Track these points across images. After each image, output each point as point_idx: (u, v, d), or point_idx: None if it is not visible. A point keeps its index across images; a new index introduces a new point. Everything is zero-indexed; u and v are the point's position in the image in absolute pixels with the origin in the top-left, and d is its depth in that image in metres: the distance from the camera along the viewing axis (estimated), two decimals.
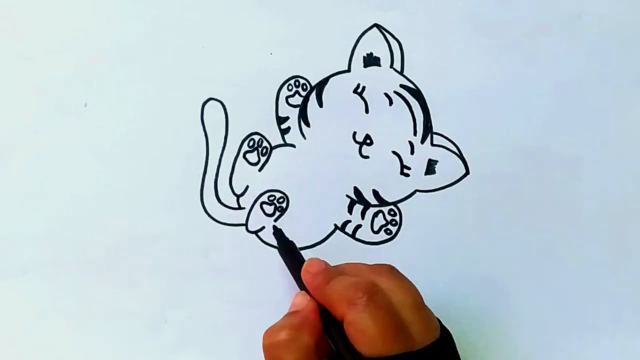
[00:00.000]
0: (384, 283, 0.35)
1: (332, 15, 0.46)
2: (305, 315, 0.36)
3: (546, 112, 0.45)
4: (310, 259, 0.39)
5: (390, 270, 0.37)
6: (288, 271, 0.41)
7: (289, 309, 0.38)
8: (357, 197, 0.45)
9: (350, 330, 0.34)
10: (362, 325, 0.33)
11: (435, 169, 0.45)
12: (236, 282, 0.44)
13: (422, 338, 0.34)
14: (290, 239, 0.43)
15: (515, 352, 0.44)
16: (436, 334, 0.35)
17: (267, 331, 0.36)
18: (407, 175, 0.45)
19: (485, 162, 0.45)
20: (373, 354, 0.33)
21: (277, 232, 0.43)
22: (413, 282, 0.36)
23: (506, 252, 0.45)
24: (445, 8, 0.46)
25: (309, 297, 0.37)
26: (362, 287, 0.34)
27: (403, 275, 0.37)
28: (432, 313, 0.36)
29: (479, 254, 0.45)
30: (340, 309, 0.34)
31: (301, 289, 0.39)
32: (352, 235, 0.45)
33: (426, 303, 0.36)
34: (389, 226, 0.45)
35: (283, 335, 0.35)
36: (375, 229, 0.45)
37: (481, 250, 0.45)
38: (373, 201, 0.45)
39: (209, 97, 0.45)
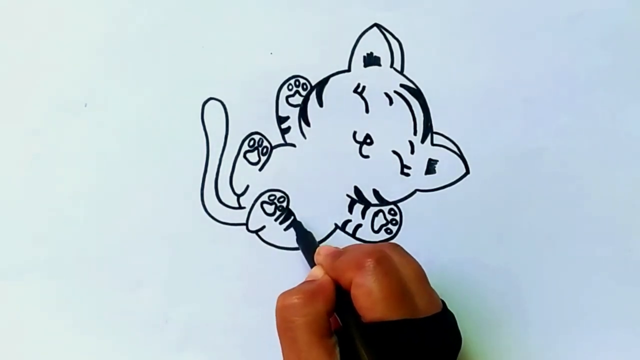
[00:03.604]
0: (392, 256, 0.36)
1: (332, 15, 0.46)
2: (320, 284, 0.37)
3: (546, 112, 0.45)
4: (322, 246, 0.41)
5: (397, 247, 0.38)
6: (290, 272, 0.42)
7: (305, 279, 0.39)
8: (358, 197, 0.45)
9: (356, 293, 0.34)
10: (367, 288, 0.34)
11: (436, 169, 0.45)
12: (236, 281, 0.44)
13: (425, 309, 0.35)
14: (290, 238, 0.44)
15: (514, 352, 0.44)
16: (439, 308, 0.36)
17: (281, 294, 0.36)
18: (407, 174, 0.45)
19: (485, 162, 0.45)
20: (375, 318, 0.33)
21: (297, 224, 0.44)
22: None
23: (506, 252, 0.45)
24: (445, 8, 0.46)
25: (324, 271, 0.38)
26: (370, 251, 0.35)
27: (408, 253, 0.38)
28: (435, 291, 0.37)
29: (479, 254, 0.45)
30: (349, 275, 0.35)
31: None
32: (353, 235, 0.45)
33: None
34: (389, 225, 0.45)
35: (296, 299, 0.35)
36: (376, 228, 0.45)
37: (481, 250, 0.45)
38: (373, 200, 0.45)
39: (209, 97, 0.45)
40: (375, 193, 0.45)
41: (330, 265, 0.37)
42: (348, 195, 0.45)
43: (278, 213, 0.44)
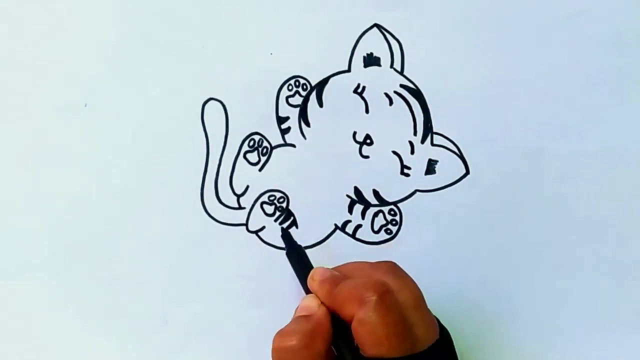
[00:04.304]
0: (391, 282, 0.35)
1: (332, 15, 0.46)
2: (317, 321, 0.35)
3: (546, 112, 0.45)
4: (316, 268, 0.39)
5: (394, 269, 0.37)
6: (291, 272, 0.41)
7: (297, 311, 0.37)
8: (358, 197, 0.45)
9: (358, 329, 0.34)
10: (371, 325, 0.33)
11: (436, 169, 0.45)
12: (236, 282, 0.44)
13: (425, 339, 0.34)
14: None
15: (514, 352, 0.44)
16: (437, 334, 0.35)
17: (278, 333, 0.35)
18: (407, 175, 0.45)
19: (485, 162, 0.45)
20: (377, 355, 0.33)
21: (286, 236, 0.43)
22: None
23: (506, 252, 0.45)
24: (445, 8, 0.46)
25: (318, 301, 0.36)
26: (372, 286, 0.34)
27: (405, 273, 0.37)
28: (430, 312, 0.36)
29: (479, 254, 0.45)
30: (350, 308, 0.34)
31: (307, 294, 0.38)
32: (353, 235, 0.45)
33: (426, 302, 0.36)
34: (389, 226, 0.45)
35: (295, 341, 0.34)
36: (376, 228, 0.45)
37: (481, 250, 0.45)
38: (373, 201, 0.45)
39: (209, 97, 0.45)
40: (375, 193, 0.45)
41: (327, 294, 0.36)
42: (348, 196, 0.45)
43: (278, 213, 0.44)
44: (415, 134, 0.45)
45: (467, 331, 0.43)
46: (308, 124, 0.45)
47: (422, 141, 0.45)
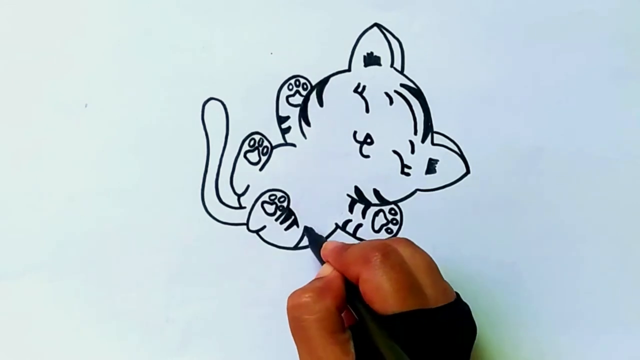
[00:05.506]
0: (400, 249, 0.36)
1: (332, 15, 0.46)
2: (328, 280, 0.37)
3: (546, 111, 0.45)
4: (329, 241, 0.41)
5: (405, 241, 0.38)
6: (291, 272, 0.42)
7: (315, 277, 0.39)
8: (358, 197, 0.45)
9: (365, 288, 0.35)
10: (376, 282, 0.34)
11: (436, 168, 0.45)
12: (237, 281, 0.44)
13: (436, 299, 0.35)
14: (291, 238, 0.44)
15: (515, 351, 0.44)
16: (451, 298, 0.36)
17: (291, 294, 0.36)
18: (407, 174, 0.45)
19: (485, 162, 0.45)
20: (387, 311, 0.34)
21: (307, 230, 0.44)
22: None
23: (506, 251, 0.45)
24: (446, 8, 0.46)
25: (332, 268, 0.38)
26: (376, 246, 0.36)
27: (418, 246, 0.38)
28: (448, 283, 0.37)
29: (479, 253, 0.45)
30: (355, 269, 0.35)
31: None
32: (353, 235, 0.45)
33: None
34: (390, 225, 0.45)
35: (305, 298, 0.35)
36: (376, 228, 0.45)
37: (481, 249, 0.45)
38: (374, 200, 0.45)
39: (209, 97, 0.45)
40: (376, 193, 0.45)
41: (337, 258, 0.38)
42: (348, 195, 0.45)
43: (279, 213, 0.44)
44: (415, 133, 0.45)
45: None
46: (308, 124, 0.45)
47: (423, 140, 0.45)
